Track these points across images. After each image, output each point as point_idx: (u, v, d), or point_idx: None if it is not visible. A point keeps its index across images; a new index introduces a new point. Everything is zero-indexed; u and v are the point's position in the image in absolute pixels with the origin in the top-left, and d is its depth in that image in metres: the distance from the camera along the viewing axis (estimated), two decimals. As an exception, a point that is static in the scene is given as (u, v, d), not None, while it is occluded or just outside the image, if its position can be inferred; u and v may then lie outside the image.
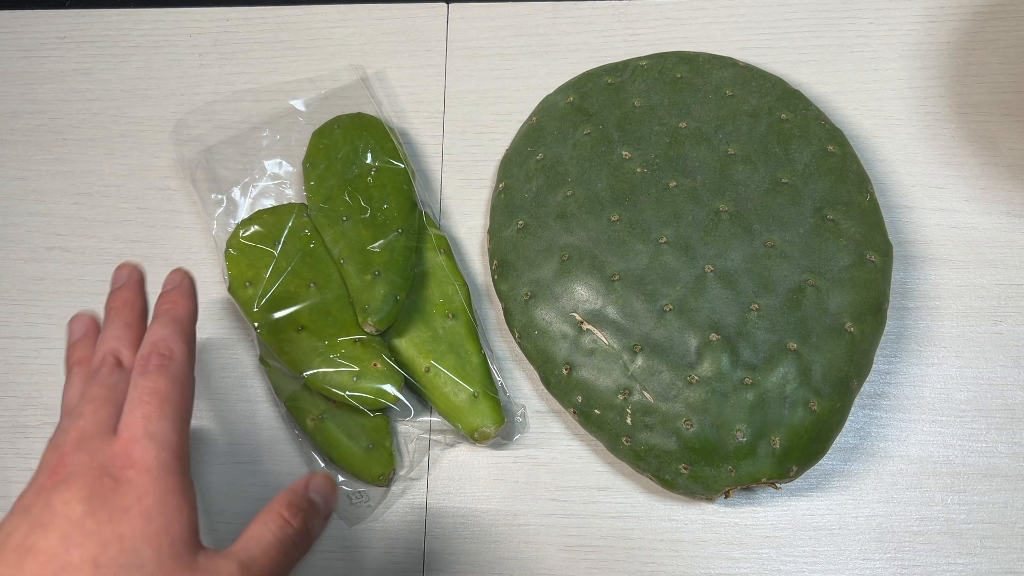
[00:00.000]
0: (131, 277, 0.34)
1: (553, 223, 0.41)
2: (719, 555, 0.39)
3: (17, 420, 0.44)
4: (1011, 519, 0.39)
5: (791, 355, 0.37)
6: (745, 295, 0.38)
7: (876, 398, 0.41)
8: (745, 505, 0.40)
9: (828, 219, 0.39)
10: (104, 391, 0.30)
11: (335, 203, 0.43)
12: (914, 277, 0.43)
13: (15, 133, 0.49)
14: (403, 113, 0.48)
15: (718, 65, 0.44)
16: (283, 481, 0.41)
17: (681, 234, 0.40)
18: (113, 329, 0.32)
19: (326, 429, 0.40)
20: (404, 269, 0.41)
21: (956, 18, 0.47)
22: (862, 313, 0.38)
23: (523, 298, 0.41)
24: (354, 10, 0.50)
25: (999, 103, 0.46)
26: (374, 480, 0.40)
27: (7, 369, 0.45)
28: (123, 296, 0.33)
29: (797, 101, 0.43)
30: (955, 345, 0.42)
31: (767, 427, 0.36)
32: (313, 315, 0.41)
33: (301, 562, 0.40)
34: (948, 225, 0.44)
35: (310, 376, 0.39)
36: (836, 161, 0.41)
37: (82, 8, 0.52)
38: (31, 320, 0.45)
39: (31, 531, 0.27)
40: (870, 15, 0.48)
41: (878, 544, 0.39)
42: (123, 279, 0.34)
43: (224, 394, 0.43)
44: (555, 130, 0.44)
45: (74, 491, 0.27)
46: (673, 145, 0.42)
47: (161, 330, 0.31)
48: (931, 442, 0.40)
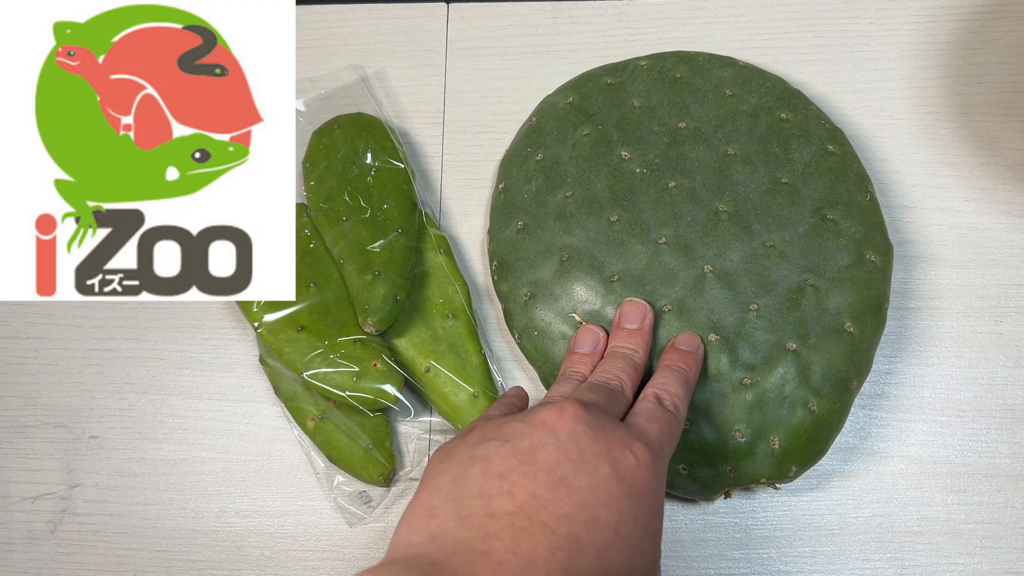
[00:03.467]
0: (646, 322, 0.37)
1: (553, 223, 0.41)
2: (719, 555, 0.39)
3: (17, 420, 0.44)
4: (1011, 519, 0.39)
5: (790, 355, 0.37)
6: (744, 295, 0.38)
7: (876, 398, 0.41)
8: (745, 505, 0.40)
9: (828, 219, 0.39)
10: (612, 396, 0.33)
11: (335, 203, 0.43)
12: (914, 277, 0.43)
13: (15, 133, 0.49)
14: (403, 113, 0.48)
15: (718, 65, 0.44)
16: (283, 481, 0.42)
17: (680, 234, 0.40)
18: (624, 364, 0.35)
19: (326, 429, 0.40)
20: (404, 269, 0.41)
21: (956, 18, 0.47)
22: (862, 313, 0.38)
23: (523, 298, 0.41)
24: (354, 10, 0.50)
25: (999, 103, 0.45)
26: (374, 480, 0.40)
27: (7, 369, 0.45)
28: (638, 342, 0.37)
29: (797, 101, 0.43)
30: (955, 345, 0.42)
31: (766, 427, 0.36)
32: (313, 315, 0.41)
33: (298, 563, 0.40)
34: (948, 225, 0.44)
35: (310, 376, 0.39)
36: (836, 161, 0.41)
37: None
38: (31, 320, 0.45)
39: (561, 460, 0.28)
40: (870, 15, 0.48)
41: (878, 544, 0.39)
42: (637, 321, 0.37)
43: (224, 394, 0.43)
44: (555, 130, 0.44)
45: (602, 445, 0.28)
46: (673, 145, 0.42)
47: (676, 387, 0.34)
48: (931, 442, 0.40)
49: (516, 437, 0.28)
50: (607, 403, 0.32)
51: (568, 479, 0.27)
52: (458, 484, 0.28)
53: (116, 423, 0.43)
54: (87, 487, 0.42)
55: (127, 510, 0.42)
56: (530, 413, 0.30)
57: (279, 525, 0.41)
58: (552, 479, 0.27)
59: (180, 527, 0.41)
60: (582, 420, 0.29)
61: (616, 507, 0.27)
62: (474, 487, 0.27)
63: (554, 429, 0.28)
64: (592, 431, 0.29)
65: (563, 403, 0.29)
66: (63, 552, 0.41)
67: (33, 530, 0.42)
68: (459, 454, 0.29)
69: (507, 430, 0.29)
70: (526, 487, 0.27)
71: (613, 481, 0.28)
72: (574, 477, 0.27)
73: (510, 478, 0.27)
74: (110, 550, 0.41)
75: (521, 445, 0.28)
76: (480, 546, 0.26)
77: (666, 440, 0.31)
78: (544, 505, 0.26)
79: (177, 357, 0.44)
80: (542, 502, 0.27)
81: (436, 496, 0.28)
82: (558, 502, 0.27)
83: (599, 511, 0.27)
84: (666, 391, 0.34)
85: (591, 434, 0.28)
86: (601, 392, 0.33)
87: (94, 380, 0.44)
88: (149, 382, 0.44)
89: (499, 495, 0.27)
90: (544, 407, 0.30)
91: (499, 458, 0.28)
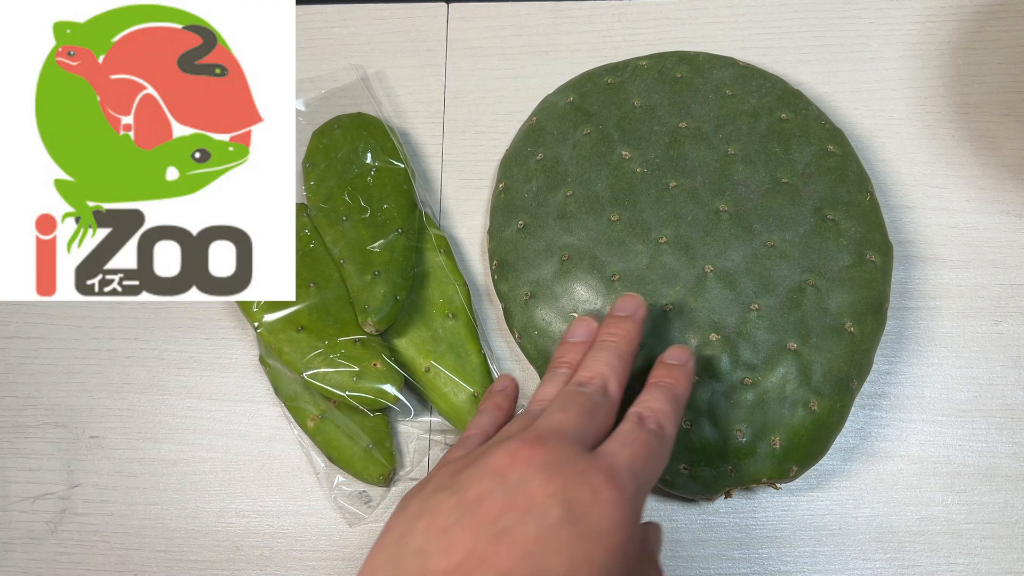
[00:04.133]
0: (637, 313, 0.36)
1: (553, 223, 0.41)
2: (719, 555, 0.39)
3: (17, 420, 0.44)
4: (1011, 519, 0.39)
5: (791, 355, 0.37)
6: (745, 295, 0.38)
7: (876, 398, 0.41)
8: (745, 505, 0.40)
9: (828, 219, 0.39)
10: (590, 406, 0.31)
11: (335, 203, 0.43)
12: (914, 277, 0.43)
13: (15, 133, 0.49)
14: (403, 113, 0.48)
15: (718, 65, 0.44)
16: (283, 481, 0.42)
17: (681, 234, 0.40)
18: (609, 356, 0.33)
19: (326, 429, 0.40)
20: (404, 269, 0.41)
21: (956, 18, 0.47)
22: (862, 313, 0.38)
23: (523, 298, 0.41)
24: (354, 10, 0.50)
25: (999, 103, 0.46)
26: (374, 480, 0.40)
27: (7, 369, 0.45)
28: (626, 329, 0.35)
29: (797, 101, 0.43)
30: (955, 345, 0.42)
31: (767, 427, 0.36)
32: (313, 315, 0.41)
33: (298, 563, 0.40)
34: (948, 225, 0.44)
35: (310, 376, 0.39)
36: (836, 161, 0.41)
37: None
38: (31, 320, 0.45)
39: (506, 509, 0.26)
40: (870, 15, 0.48)
41: (878, 544, 0.39)
42: (628, 311, 0.35)
43: (224, 394, 0.43)
44: (555, 130, 0.44)
45: (555, 487, 0.27)
46: (673, 145, 0.42)
47: (662, 404, 0.32)
48: (931, 442, 0.40)
49: (465, 487, 0.27)
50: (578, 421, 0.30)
51: (512, 530, 0.26)
52: (401, 543, 0.27)
53: (116, 423, 0.43)
54: (87, 487, 0.42)
55: (127, 510, 0.42)
56: (484, 458, 0.28)
57: (279, 525, 0.41)
58: (494, 532, 0.26)
59: (180, 527, 0.41)
60: (534, 462, 0.27)
61: (567, 555, 0.26)
62: (415, 545, 0.26)
63: (503, 476, 0.27)
64: (545, 473, 0.27)
65: (518, 445, 0.28)
66: (63, 552, 0.41)
67: (33, 530, 0.42)
68: (412, 506, 0.28)
69: (460, 479, 0.28)
70: (465, 542, 0.26)
71: (564, 526, 0.26)
72: (519, 527, 0.26)
73: (452, 532, 0.26)
74: (110, 550, 0.41)
75: (468, 496, 0.27)
76: None
77: (641, 464, 0.29)
78: (482, 561, 0.25)
79: (177, 357, 0.44)
80: (481, 558, 0.25)
81: (379, 555, 0.27)
82: (498, 556, 0.25)
83: (545, 561, 0.25)
84: (649, 409, 0.32)
85: (544, 476, 0.27)
86: (574, 406, 0.31)
87: (94, 380, 0.44)
88: (149, 382, 0.44)
89: (437, 552, 0.26)
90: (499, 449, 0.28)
91: (445, 511, 0.27)
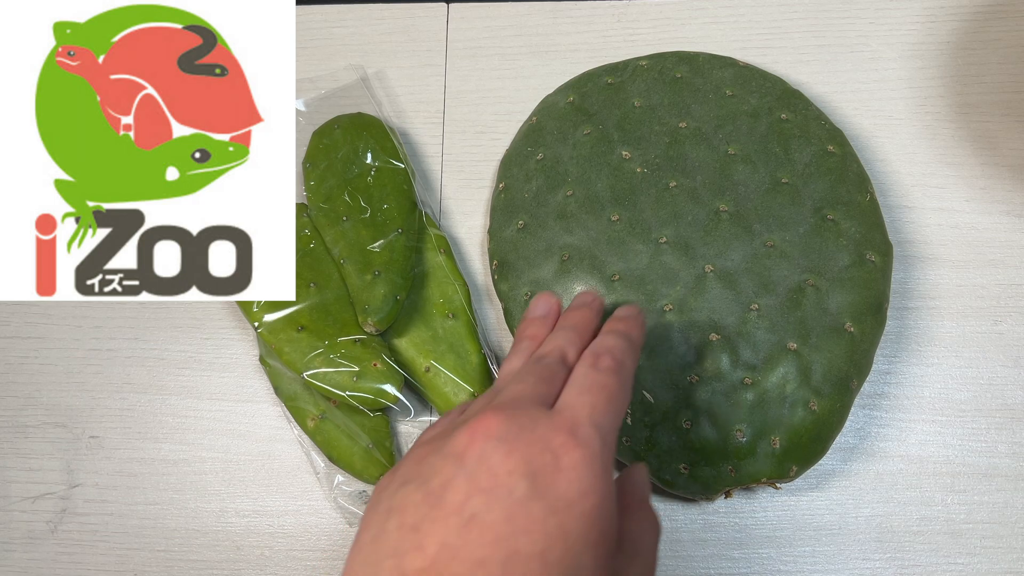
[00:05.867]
0: (594, 303, 0.35)
1: (553, 223, 0.41)
2: (719, 555, 0.39)
3: (17, 420, 0.44)
4: (1011, 519, 0.39)
5: (791, 355, 0.37)
6: (745, 295, 0.38)
7: (876, 398, 0.41)
8: (745, 505, 0.40)
9: (828, 219, 0.39)
10: (548, 374, 0.30)
11: (335, 203, 0.43)
12: (914, 277, 0.43)
13: (15, 133, 0.49)
14: (403, 113, 0.48)
15: (718, 65, 0.44)
16: (283, 481, 0.42)
17: (681, 234, 0.40)
18: (567, 334, 0.32)
19: (326, 429, 0.40)
20: (404, 269, 0.41)
21: (956, 18, 0.47)
22: (862, 313, 0.38)
23: (523, 298, 0.41)
24: (354, 10, 0.50)
25: (999, 103, 0.46)
26: (374, 480, 0.40)
27: (7, 369, 0.45)
28: (583, 315, 0.34)
29: (797, 101, 0.43)
30: (955, 345, 0.42)
31: (767, 427, 0.36)
32: (313, 315, 0.41)
33: (298, 563, 0.40)
34: (948, 225, 0.44)
35: (310, 376, 0.39)
36: (836, 161, 0.41)
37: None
38: (31, 320, 0.45)
39: (471, 494, 0.25)
40: (870, 15, 0.48)
41: (878, 544, 0.39)
42: (587, 303, 0.35)
43: (224, 394, 0.43)
44: (555, 130, 0.44)
45: (516, 459, 0.26)
46: (673, 145, 0.42)
47: (615, 340, 0.31)
48: (931, 442, 0.40)
49: (430, 477, 0.26)
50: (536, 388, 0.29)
51: (479, 516, 0.25)
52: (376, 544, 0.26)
53: (116, 423, 0.43)
54: (87, 487, 0.42)
55: (127, 510, 0.42)
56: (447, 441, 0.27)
57: (279, 525, 0.41)
58: (462, 520, 0.25)
59: (180, 527, 0.41)
60: (492, 435, 0.26)
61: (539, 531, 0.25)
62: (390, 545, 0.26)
63: (463, 458, 0.26)
64: (504, 445, 0.26)
65: (475, 421, 0.27)
66: (63, 552, 0.41)
67: (33, 530, 0.42)
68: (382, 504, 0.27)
69: (424, 468, 0.27)
70: (437, 536, 0.25)
71: (531, 500, 0.25)
72: (486, 511, 0.25)
73: (421, 528, 0.25)
74: (110, 550, 0.41)
75: (433, 486, 0.26)
76: None
77: (602, 411, 0.28)
78: (455, 554, 0.24)
79: (177, 357, 0.44)
80: (453, 551, 0.24)
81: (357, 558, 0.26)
82: (470, 546, 0.24)
83: (518, 543, 0.24)
84: (603, 346, 0.30)
85: (504, 449, 0.26)
86: (530, 376, 0.30)
87: (94, 380, 0.44)
88: (149, 382, 0.44)
89: (411, 551, 0.25)
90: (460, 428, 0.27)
91: (412, 507, 0.26)
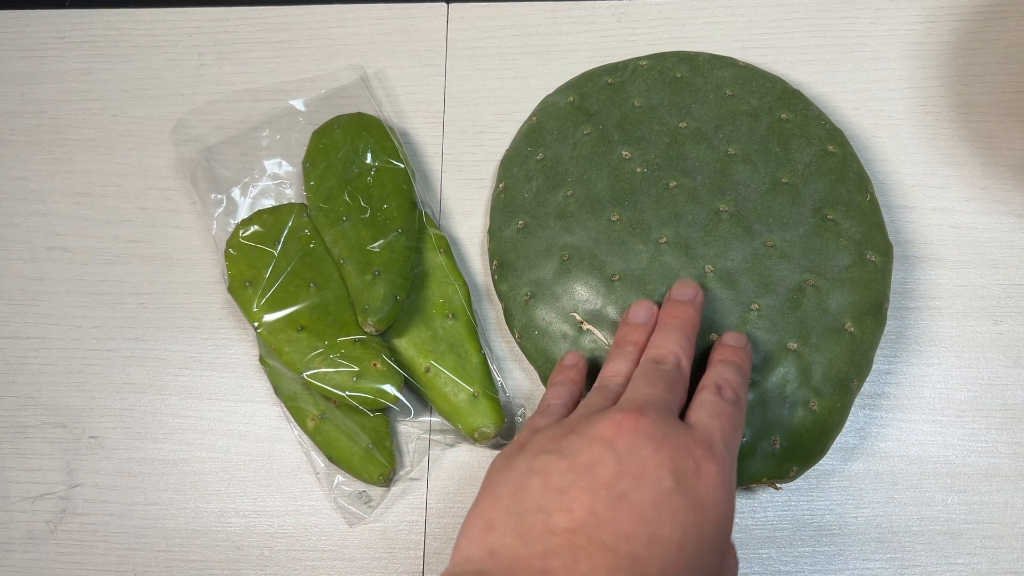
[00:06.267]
0: (696, 298, 0.37)
1: (553, 223, 0.41)
2: (719, 555, 0.39)
3: (17, 420, 0.44)
4: (1011, 519, 0.39)
5: (791, 355, 0.37)
6: (745, 295, 0.38)
7: (876, 398, 0.41)
8: (745, 505, 0.40)
9: (828, 219, 0.39)
10: (671, 381, 0.32)
11: (335, 203, 0.43)
12: (914, 277, 0.43)
13: (15, 133, 0.49)
14: (403, 113, 0.48)
15: (718, 65, 0.44)
16: (283, 481, 0.42)
17: (681, 234, 0.40)
18: (677, 337, 0.34)
19: (326, 429, 0.40)
20: (404, 269, 0.41)
21: (956, 18, 0.47)
22: (862, 313, 0.38)
23: (523, 298, 0.41)
24: (354, 10, 0.50)
25: (999, 103, 0.46)
26: (374, 480, 0.40)
27: (7, 369, 0.45)
28: (689, 314, 0.36)
29: (797, 101, 0.43)
30: (955, 345, 0.42)
31: (767, 427, 0.36)
32: (313, 315, 0.41)
33: (298, 563, 0.40)
34: (948, 225, 0.44)
35: (310, 376, 0.39)
36: (836, 161, 0.41)
37: (82, 8, 0.52)
38: (31, 320, 0.45)
39: (621, 475, 0.27)
40: (870, 15, 0.48)
41: (878, 544, 0.39)
42: (688, 296, 0.37)
43: (224, 394, 0.43)
44: (555, 130, 0.44)
45: (664, 456, 0.27)
46: (673, 145, 0.42)
47: (734, 375, 0.33)
48: (931, 442, 0.40)
49: (574, 452, 0.28)
50: (666, 396, 0.31)
51: (629, 495, 0.26)
52: (517, 496, 0.27)
53: (116, 423, 0.43)
54: (87, 487, 0.42)
55: (127, 510, 0.42)
56: (588, 426, 0.29)
57: (279, 525, 0.41)
58: (612, 495, 0.26)
59: (180, 527, 0.41)
60: (642, 432, 0.28)
61: (680, 522, 0.26)
62: (533, 501, 0.27)
63: (613, 443, 0.28)
64: (653, 442, 0.28)
65: (621, 416, 0.29)
66: (63, 552, 0.41)
67: (33, 530, 0.42)
68: (519, 464, 0.28)
69: (565, 445, 0.28)
70: (585, 503, 0.26)
71: (676, 494, 0.27)
72: (635, 492, 0.26)
73: (569, 493, 0.27)
74: (110, 550, 0.41)
75: (579, 460, 0.27)
76: (538, 563, 0.25)
77: (730, 436, 0.30)
78: (604, 523, 0.26)
79: (177, 357, 0.44)
80: (602, 520, 0.26)
81: (496, 507, 0.27)
82: (618, 520, 0.26)
83: (662, 528, 0.26)
84: (724, 379, 0.33)
85: (652, 445, 0.28)
86: (659, 381, 0.32)
87: (94, 380, 0.44)
88: (149, 382, 0.44)
89: (558, 511, 0.26)
90: (602, 419, 0.29)
91: (558, 472, 0.27)
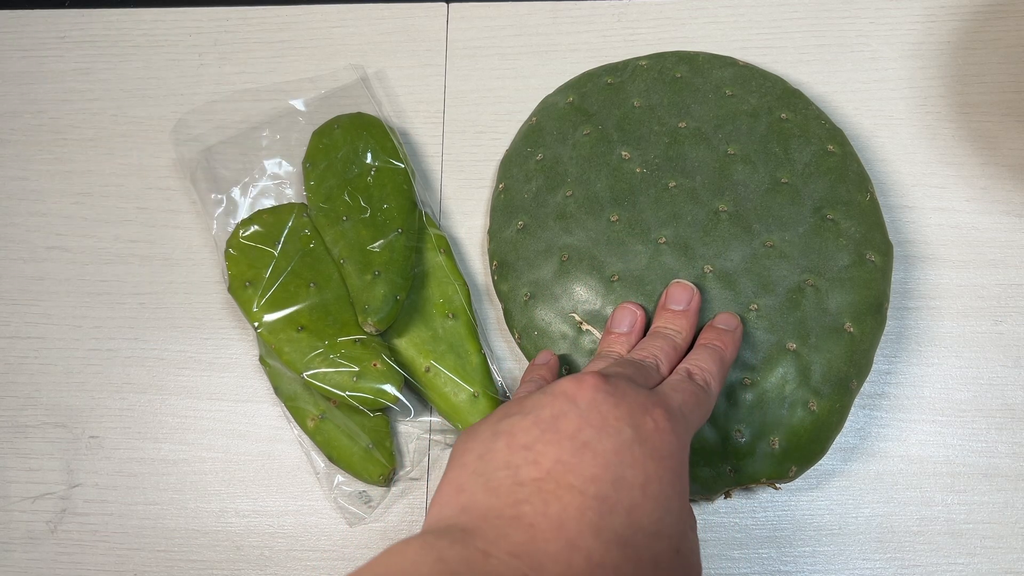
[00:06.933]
0: (692, 304, 0.37)
1: (553, 223, 0.41)
2: (719, 555, 0.39)
3: (17, 420, 0.44)
4: (1011, 519, 0.39)
5: (790, 355, 0.37)
6: (744, 295, 0.38)
7: (876, 398, 0.41)
8: (745, 505, 0.40)
9: (828, 219, 0.39)
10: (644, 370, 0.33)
11: (335, 203, 0.43)
12: (914, 277, 0.43)
13: (15, 133, 0.49)
14: (403, 113, 0.48)
15: (718, 65, 0.44)
16: (283, 481, 0.42)
17: (680, 234, 0.40)
18: (665, 344, 0.35)
19: (326, 429, 0.40)
20: (404, 269, 0.41)
21: (956, 18, 0.47)
22: (862, 313, 0.38)
23: (523, 298, 0.41)
24: (354, 10, 0.50)
25: (999, 103, 0.45)
26: (374, 480, 0.40)
27: (7, 369, 0.45)
28: (681, 324, 0.36)
29: (797, 101, 0.43)
30: (955, 345, 0.42)
31: (766, 427, 0.36)
32: (313, 315, 0.41)
33: (298, 563, 0.40)
34: (948, 225, 0.44)
35: (310, 376, 0.39)
36: (836, 161, 0.41)
37: (82, 8, 0.52)
38: (31, 320, 0.45)
39: (583, 427, 0.28)
40: (870, 15, 0.48)
41: (878, 544, 0.39)
42: (684, 303, 0.37)
43: (224, 394, 0.43)
44: (555, 130, 0.44)
45: (623, 411, 0.29)
46: (673, 145, 0.42)
47: (710, 363, 0.34)
48: (931, 442, 0.40)
49: (537, 408, 0.29)
50: (634, 374, 0.32)
51: (592, 443, 0.28)
52: (484, 459, 0.28)
53: (116, 423, 0.43)
54: (87, 487, 0.42)
55: (127, 510, 0.42)
56: (550, 385, 0.30)
57: (279, 525, 0.41)
58: (576, 444, 0.28)
59: (180, 527, 0.41)
60: (601, 389, 0.29)
61: (640, 468, 0.28)
62: (500, 460, 0.28)
63: (574, 398, 0.29)
64: (612, 398, 0.29)
65: (582, 375, 0.30)
66: (63, 552, 0.41)
67: (33, 530, 0.42)
68: (482, 432, 0.29)
69: (528, 403, 0.30)
70: (551, 454, 0.27)
71: (636, 444, 0.28)
72: (597, 441, 0.28)
73: (535, 448, 0.28)
74: (110, 550, 0.41)
75: (543, 415, 0.29)
76: (510, 511, 0.26)
77: (689, 409, 0.31)
78: (570, 469, 0.27)
79: (177, 357, 0.44)
80: (568, 466, 0.27)
81: (463, 472, 0.28)
82: (584, 465, 0.27)
83: (624, 472, 0.27)
84: (697, 367, 0.34)
85: (611, 401, 0.29)
86: (630, 366, 0.33)
87: (94, 380, 0.44)
88: (149, 382, 0.44)
89: (525, 464, 0.27)
90: (563, 379, 0.30)
91: (522, 430, 0.28)
